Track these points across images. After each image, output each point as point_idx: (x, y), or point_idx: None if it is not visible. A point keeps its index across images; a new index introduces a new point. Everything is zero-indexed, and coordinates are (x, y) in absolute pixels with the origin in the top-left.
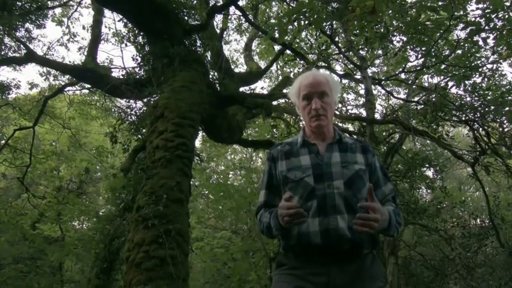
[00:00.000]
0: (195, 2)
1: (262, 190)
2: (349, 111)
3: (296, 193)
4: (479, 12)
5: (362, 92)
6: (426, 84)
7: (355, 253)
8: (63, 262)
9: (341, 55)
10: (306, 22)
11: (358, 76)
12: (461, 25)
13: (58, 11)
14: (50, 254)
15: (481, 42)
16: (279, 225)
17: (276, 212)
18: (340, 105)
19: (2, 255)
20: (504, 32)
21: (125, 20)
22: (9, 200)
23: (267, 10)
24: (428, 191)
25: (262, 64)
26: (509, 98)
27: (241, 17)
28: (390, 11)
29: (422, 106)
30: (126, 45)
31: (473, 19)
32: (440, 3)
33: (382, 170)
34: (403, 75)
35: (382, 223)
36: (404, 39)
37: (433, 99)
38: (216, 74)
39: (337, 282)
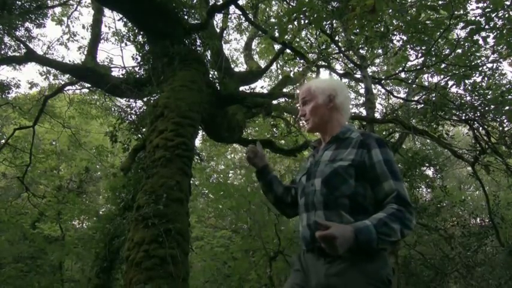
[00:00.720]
0: (195, 1)
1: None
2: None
3: (298, 191)
4: (479, 11)
5: (362, 91)
6: (426, 84)
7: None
8: (63, 261)
9: (341, 54)
10: (306, 21)
11: (358, 75)
12: (462, 24)
13: (58, 10)
14: (50, 253)
15: (481, 41)
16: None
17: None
18: None
19: (2, 255)
20: (504, 31)
21: (125, 19)
22: (9, 199)
23: (267, 9)
24: (428, 190)
25: (262, 63)
26: (509, 97)
27: (241, 16)
28: (390, 10)
29: (422, 105)
30: (126, 44)
31: (473, 18)
32: (440, 2)
33: (386, 165)
34: (403, 75)
35: (343, 245)
36: (404, 38)
37: (433, 98)
38: (216, 73)
39: (321, 282)
